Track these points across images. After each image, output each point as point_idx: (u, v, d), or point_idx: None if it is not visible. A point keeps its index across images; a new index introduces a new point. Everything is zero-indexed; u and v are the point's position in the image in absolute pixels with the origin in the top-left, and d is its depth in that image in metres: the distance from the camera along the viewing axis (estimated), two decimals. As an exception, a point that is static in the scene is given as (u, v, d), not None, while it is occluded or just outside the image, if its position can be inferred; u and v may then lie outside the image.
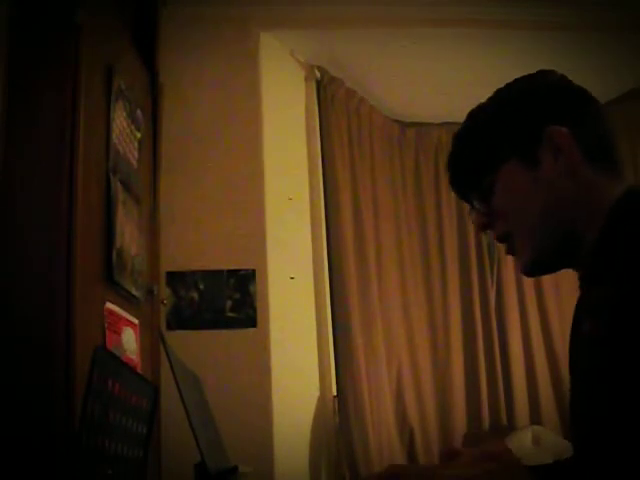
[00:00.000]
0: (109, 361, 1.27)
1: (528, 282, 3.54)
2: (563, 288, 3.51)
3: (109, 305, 2.06)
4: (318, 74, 3.32)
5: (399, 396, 3.26)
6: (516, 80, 1.09)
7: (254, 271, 2.82)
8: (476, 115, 1.09)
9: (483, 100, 1.14)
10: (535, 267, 1.06)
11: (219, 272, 2.80)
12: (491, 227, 1.08)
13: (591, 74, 1.08)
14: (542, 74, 1.08)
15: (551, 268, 1.07)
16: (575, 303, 1.04)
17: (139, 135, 2.46)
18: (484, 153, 1.05)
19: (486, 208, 1.06)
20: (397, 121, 3.69)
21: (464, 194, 1.12)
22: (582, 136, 1.00)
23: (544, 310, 3.52)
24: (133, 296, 2.27)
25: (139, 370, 2.20)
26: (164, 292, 2.74)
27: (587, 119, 1.03)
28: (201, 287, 2.79)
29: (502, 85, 1.13)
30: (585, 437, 0.88)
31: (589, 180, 1.00)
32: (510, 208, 1.03)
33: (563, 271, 1.08)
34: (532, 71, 1.11)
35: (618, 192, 0.97)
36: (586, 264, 0.99)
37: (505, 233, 1.06)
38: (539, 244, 1.02)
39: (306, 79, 3.33)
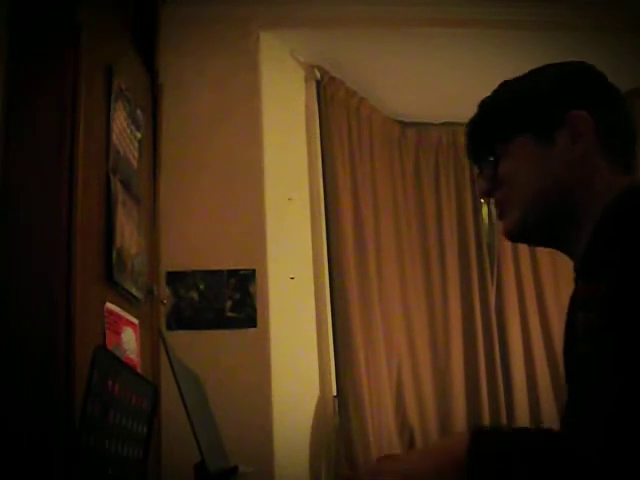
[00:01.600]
0: (109, 361, 1.27)
1: (528, 282, 3.54)
2: (563, 288, 3.50)
3: (109, 305, 2.05)
4: (318, 74, 3.32)
5: (399, 396, 3.25)
6: (550, 65, 1.12)
7: (254, 271, 2.82)
8: (506, 86, 1.12)
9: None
10: (516, 236, 1.10)
11: (219, 272, 2.80)
12: (492, 193, 1.11)
13: (591, 74, 1.10)
14: (576, 63, 1.11)
15: (532, 241, 1.14)
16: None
17: (139, 135, 2.46)
18: (502, 121, 1.08)
19: (492, 174, 1.09)
20: (397, 121, 3.69)
21: (476, 159, 1.15)
22: (602, 125, 1.02)
23: (544, 310, 3.51)
24: (133, 296, 2.27)
25: (139, 370, 2.20)
26: (164, 292, 2.74)
27: (611, 111, 1.05)
28: (201, 287, 2.79)
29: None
30: (576, 423, 0.88)
31: (599, 170, 1.01)
32: (513, 178, 1.06)
33: (564, 271, 1.08)
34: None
35: (623, 186, 0.98)
36: (580, 258, 1.00)
37: (503, 201, 1.09)
38: (526, 217, 1.06)
39: (306, 79, 3.33)
